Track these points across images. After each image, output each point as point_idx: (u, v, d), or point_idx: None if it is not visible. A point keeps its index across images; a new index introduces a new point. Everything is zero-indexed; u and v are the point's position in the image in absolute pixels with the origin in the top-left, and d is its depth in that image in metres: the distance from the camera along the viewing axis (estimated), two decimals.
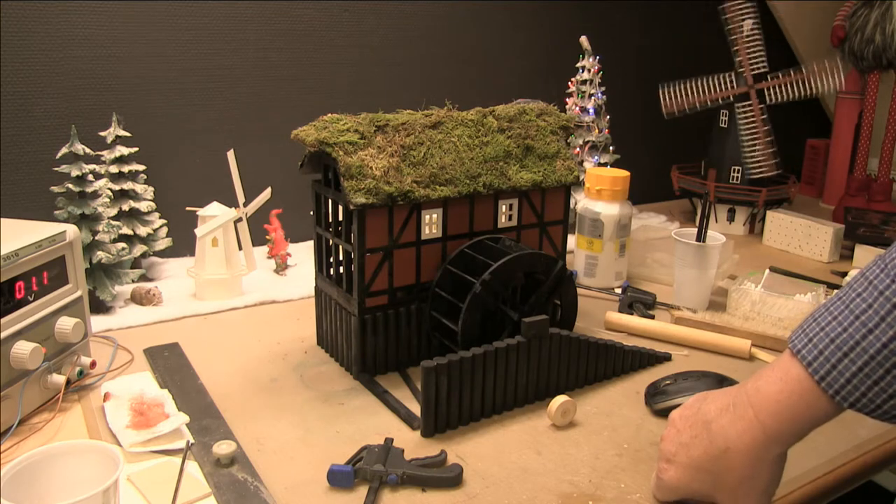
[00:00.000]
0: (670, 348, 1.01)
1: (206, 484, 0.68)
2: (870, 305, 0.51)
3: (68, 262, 0.84)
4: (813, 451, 0.77)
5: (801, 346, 0.54)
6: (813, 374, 0.53)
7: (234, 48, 1.33)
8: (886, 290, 0.51)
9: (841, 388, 0.52)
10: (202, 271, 1.14)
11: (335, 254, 0.93)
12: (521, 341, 0.81)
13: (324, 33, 1.40)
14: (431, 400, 0.77)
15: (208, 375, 0.90)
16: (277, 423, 0.80)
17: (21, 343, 0.76)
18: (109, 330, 1.03)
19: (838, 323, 0.52)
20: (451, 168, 0.89)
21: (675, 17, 1.86)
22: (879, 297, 0.51)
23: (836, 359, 0.52)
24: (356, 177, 0.83)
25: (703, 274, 1.13)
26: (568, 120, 1.02)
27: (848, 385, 0.51)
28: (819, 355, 0.53)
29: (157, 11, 1.24)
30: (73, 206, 1.06)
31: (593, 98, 1.50)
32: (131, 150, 1.20)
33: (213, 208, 1.15)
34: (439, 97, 0.99)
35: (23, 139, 1.19)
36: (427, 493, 0.68)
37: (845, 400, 0.52)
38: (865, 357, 0.51)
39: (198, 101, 1.32)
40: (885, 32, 1.62)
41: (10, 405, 0.76)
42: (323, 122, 0.86)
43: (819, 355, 0.53)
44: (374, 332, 0.89)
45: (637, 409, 0.85)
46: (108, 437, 0.76)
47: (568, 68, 1.53)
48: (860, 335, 0.51)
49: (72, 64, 1.20)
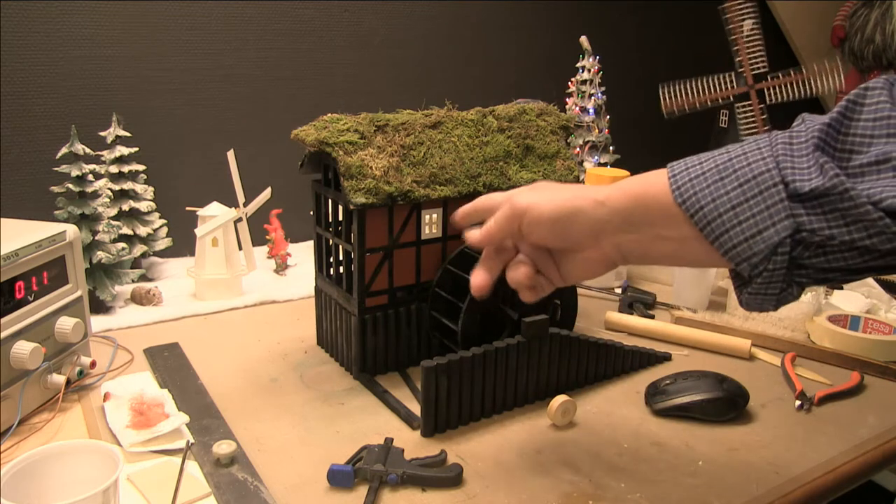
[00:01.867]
0: (670, 348, 1.01)
1: (206, 484, 0.68)
2: (741, 146, 0.54)
3: (68, 262, 0.84)
4: (813, 451, 0.77)
5: (674, 162, 0.56)
6: (669, 169, 0.55)
7: (234, 48, 1.33)
8: (761, 142, 0.53)
9: (683, 184, 0.53)
10: (202, 271, 1.15)
11: (335, 254, 0.93)
12: (521, 341, 0.81)
13: (324, 33, 1.40)
14: (431, 400, 0.77)
15: (208, 375, 0.90)
16: (277, 423, 0.80)
17: (21, 343, 0.76)
18: (109, 330, 1.03)
19: (711, 153, 0.55)
20: (451, 168, 0.89)
21: (676, 17, 1.86)
22: (753, 142, 0.53)
23: (691, 164, 0.54)
24: (356, 177, 0.83)
25: (703, 274, 1.13)
26: (568, 120, 1.02)
27: (688, 182, 0.53)
28: (682, 163, 0.55)
29: (158, 11, 1.24)
30: (73, 206, 1.06)
31: (593, 98, 1.50)
32: (131, 150, 1.20)
33: (213, 208, 1.15)
34: (439, 97, 0.99)
35: (23, 139, 1.19)
36: (427, 493, 0.68)
37: (680, 195, 0.53)
38: (712, 165, 0.53)
39: (198, 101, 1.32)
40: (885, 32, 1.62)
41: (10, 405, 0.76)
42: (323, 122, 0.86)
43: (682, 163, 0.55)
44: (374, 331, 0.89)
45: (637, 409, 0.85)
46: (108, 437, 0.76)
47: (568, 68, 1.53)
48: (720, 155, 0.54)
49: (72, 64, 1.20)
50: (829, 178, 0.48)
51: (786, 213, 0.50)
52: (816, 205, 0.49)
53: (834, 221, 0.49)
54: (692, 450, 0.77)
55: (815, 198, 0.49)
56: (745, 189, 0.51)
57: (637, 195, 0.56)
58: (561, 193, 0.59)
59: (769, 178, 0.50)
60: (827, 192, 0.49)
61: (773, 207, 0.50)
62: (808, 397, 0.87)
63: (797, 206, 0.50)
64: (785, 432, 0.81)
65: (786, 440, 0.79)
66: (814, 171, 0.49)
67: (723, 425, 0.82)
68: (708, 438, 0.79)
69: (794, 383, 0.90)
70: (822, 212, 0.49)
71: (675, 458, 0.75)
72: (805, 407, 0.86)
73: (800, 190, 0.49)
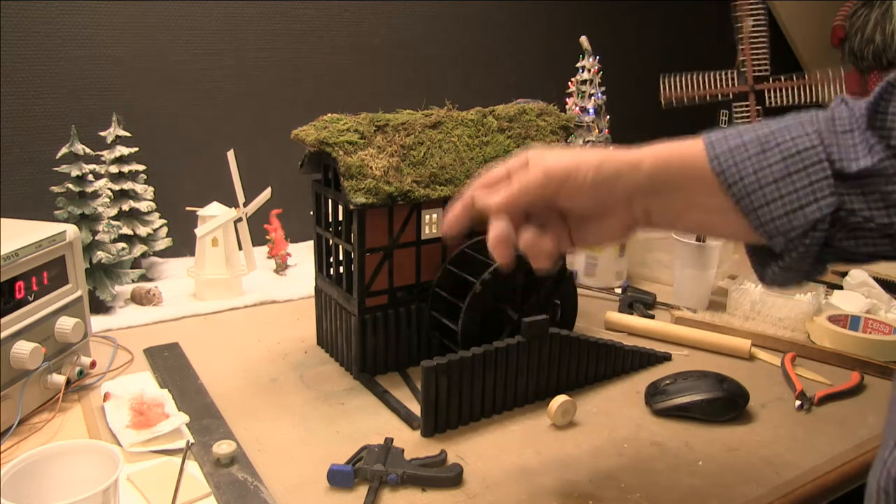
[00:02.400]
0: (670, 348, 1.01)
1: (206, 484, 0.68)
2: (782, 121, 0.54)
3: (68, 262, 0.84)
4: (813, 451, 0.77)
5: (710, 131, 0.55)
6: (706, 136, 0.54)
7: (234, 48, 1.33)
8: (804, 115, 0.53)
9: (721, 152, 0.53)
10: (202, 271, 1.15)
11: (335, 254, 0.93)
12: (521, 341, 0.81)
13: (324, 33, 1.40)
14: (431, 400, 0.77)
15: (208, 375, 0.90)
16: (277, 423, 0.80)
17: (21, 343, 0.76)
18: (109, 330, 1.03)
19: (750, 125, 0.55)
20: (451, 168, 0.89)
21: (676, 17, 1.86)
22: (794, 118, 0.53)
23: (730, 134, 0.53)
24: (356, 177, 0.83)
25: (702, 274, 1.13)
26: (568, 120, 1.02)
27: (728, 151, 0.52)
28: (720, 132, 0.54)
29: (158, 11, 1.24)
30: (73, 206, 1.06)
31: (593, 98, 1.50)
32: (131, 150, 1.20)
33: (213, 208, 1.15)
34: (439, 97, 0.99)
35: (23, 139, 1.19)
36: (427, 493, 0.68)
37: (719, 164, 0.52)
38: (752, 135, 0.52)
39: (198, 101, 1.32)
40: (885, 32, 1.62)
41: (10, 405, 0.76)
42: (323, 122, 0.86)
43: (720, 132, 0.54)
44: (374, 331, 0.89)
45: (637, 409, 0.85)
46: (108, 436, 0.76)
47: (568, 68, 1.53)
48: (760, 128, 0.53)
49: (72, 64, 1.20)
50: (880, 159, 0.48)
51: (830, 191, 0.49)
52: (857, 184, 0.49)
53: (875, 203, 0.49)
54: (692, 450, 0.77)
55: (859, 177, 0.49)
56: (788, 163, 0.50)
57: (672, 159, 0.54)
58: (591, 156, 0.55)
59: (814, 154, 0.50)
60: (873, 173, 0.48)
61: (817, 183, 0.50)
62: (808, 397, 0.87)
63: (840, 185, 0.49)
64: (785, 432, 0.81)
65: (786, 440, 0.79)
66: (860, 151, 0.49)
67: (723, 425, 0.82)
68: (708, 438, 0.79)
69: (794, 383, 0.90)
70: (863, 192, 0.49)
71: (675, 458, 0.75)
72: (805, 407, 0.86)
73: (846, 169, 0.49)
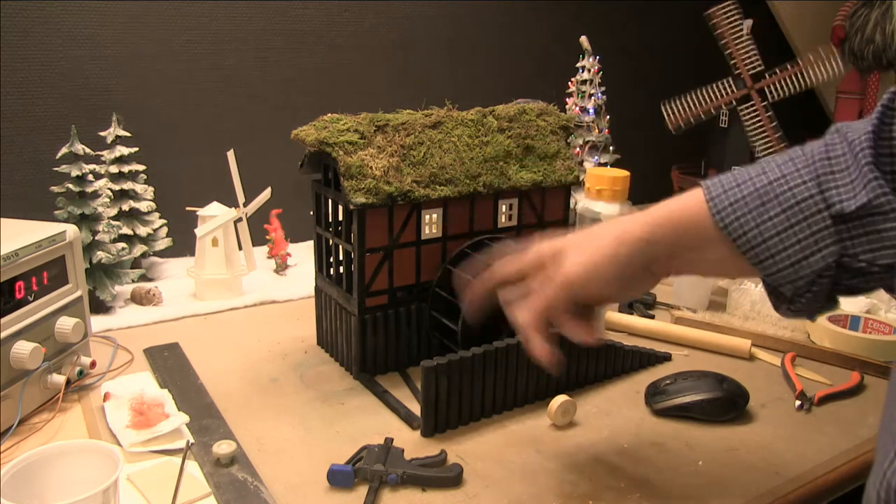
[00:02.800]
0: (670, 348, 1.01)
1: (206, 484, 0.68)
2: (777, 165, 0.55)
3: (68, 262, 0.84)
4: (813, 451, 0.77)
5: (710, 182, 0.57)
6: (706, 192, 0.56)
7: (234, 48, 1.33)
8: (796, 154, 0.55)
9: (723, 209, 0.54)
10: (202, 271, 1.14)
11: (335, 254, 0.93)
12: (521, 341, 0.81)
13: (324, 33, 1.40)
14: (431, 400, 0.77)
15: (208, 375, 0.90)
16: (277, 423, 0.80)
17: (21, 343, 0.76)
18: (109, 330, 1.03)
19: (746, 172, 0.56)
20: (451, 168, 0.89)
21: (676, 17, 1.86)
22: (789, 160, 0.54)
23: (728, 186, 0.55)
24: (356, 177, 0.83)
25: None
26: (568, 120, 1.02)
27: (729, 207, 0.54)
28: (719, 185, 0.56)
29: (158, 11, 1.24)
30: (73, 206, 1.06)
31: (593, 98, 1.50)
32: (131, 150, 1.20)
33: (213, 208, 1.15)
34: (439, 97, 0.99)
35: (23, 139, 1.19)
36: (427, 493, 0.68)
37: (721, 220, 0.54)
38: (751, 188, 0.54)
39: (198, 101, 1.32)
40: (885, 32, 1.61)
41: (10, 405, 0.76)
42: (323, 122, 0.86)
43: (719, 185, 0.56)
44: (374, 331, 0.89)
45: (637, 409, 0.85)
46: (108, 437, 0.76)
47: (568, 68, 1.53)
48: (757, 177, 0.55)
49: (72, 64, 1.20)
50: (876, 195, 0.48)
51: (832, 239, 0.50)
52: (859, 224, 0.50)
53: (875, 244, 0.49)
54: (692, 450, 0.77)
55: (859, 217, 0.49)
56: (788, 215, 0.51)
57: (680, 223, 0.57)
58: (605, 244, 0.59)
59: (812, 204, 0.51)
60: (871, 212, 0.49)
61: (818, 234, 0.51)
62: (808, 397, 0.87)
63: (842, 229, 0.50)
64: (785, 432, 0.81)
65: (786, 440, 0.79)
66: (857, 187, 0.49)
67: (723, 425, 0.82)
68: (708, 438, 0.79)
69: (794, 383, 0.90)
70: (864, 232, 0.49)
71: (675, 458, 0.75)
72: (805, 407, 0.86)
73: (845, 210, 0.49)
